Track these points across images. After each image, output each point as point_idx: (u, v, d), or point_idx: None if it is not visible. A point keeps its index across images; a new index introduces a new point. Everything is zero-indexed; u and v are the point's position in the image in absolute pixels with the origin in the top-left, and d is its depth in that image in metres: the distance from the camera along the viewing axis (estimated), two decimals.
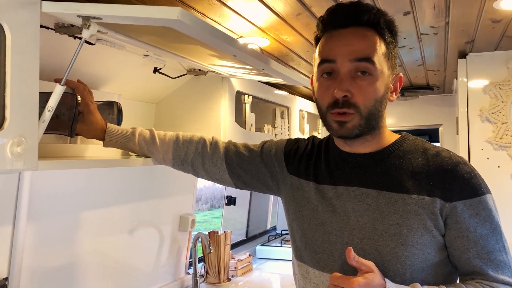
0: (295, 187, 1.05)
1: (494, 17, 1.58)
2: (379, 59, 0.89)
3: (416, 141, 0.97)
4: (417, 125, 3.56)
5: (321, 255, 0.96)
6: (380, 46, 0.90)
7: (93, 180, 1.62)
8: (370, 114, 0.89)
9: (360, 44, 0.88)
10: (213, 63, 1.46)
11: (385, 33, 0.91)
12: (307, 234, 0.98)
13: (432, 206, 0.88)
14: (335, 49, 0.90)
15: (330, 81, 0.90)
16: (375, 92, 0.89)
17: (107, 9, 0.88)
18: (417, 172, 0.91)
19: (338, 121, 0.89)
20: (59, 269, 1.51)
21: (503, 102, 2.15)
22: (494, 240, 0.89)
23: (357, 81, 0.88)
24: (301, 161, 1.06)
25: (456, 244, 0.89)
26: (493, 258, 0.88)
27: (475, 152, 2.21)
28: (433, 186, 0.89)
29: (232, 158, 1.17)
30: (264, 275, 2.60)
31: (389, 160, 0.94)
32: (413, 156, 0.93)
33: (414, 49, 1.98)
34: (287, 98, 2.51)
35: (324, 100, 0.91)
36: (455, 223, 0.88)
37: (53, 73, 1.14)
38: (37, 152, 0.91)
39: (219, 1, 1.30)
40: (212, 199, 10.13)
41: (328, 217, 0.95)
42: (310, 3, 1.34)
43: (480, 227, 0.88)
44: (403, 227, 0.88)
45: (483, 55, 2.17)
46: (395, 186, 0.90)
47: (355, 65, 0.88)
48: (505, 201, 2.16)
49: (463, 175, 0.89)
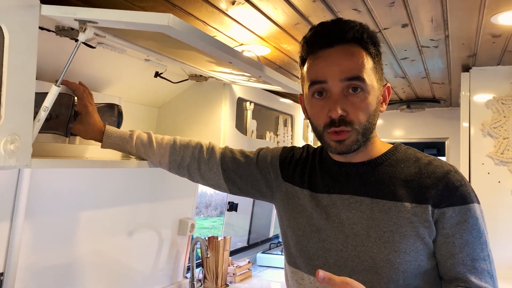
0: (290, 194, 1.06)
1: (494, 32, 1.58)
2: (368, 75, 0.91)
3: (409, 150, 0.99)
4: (423, 138, 3.55)
5: (316, 262, 0.97)
6: (368, 61, 0.92)
7: (93, 181, 1.65)
8: (365, 129, 0.92)
9: (349, 63, 0.90)
10: (212, 69, 1.49)
11: (369, 47, 0.93)
12: (302, 241, 1.00)
13: (426, 214, 0.89)
14: (324, 70, 0.91)
15: (323, 101, 0.92)
16: (368, 107, 0.91)
17: (102, 13, 0.91)
18: (410, 180, 0.93)
19: (337, 141, 0.92)
20: (55, 268, 1.54)
21: (505, 117, 2.14)
22: (480, 248, 0.89)
23: (349, 99, 0.90)
24: (296, 169, 1.08)
25: (442, 250, 0.90)
26: (477, 265, 0.88)
27: (476, 167, 2.19)
28: (425, 193, 0.91)
29: (228, 164, 1.19)
30: (263, 283, 2.60)
31: (382, 168, 0.96)
32: (405, 165, 0.95)
33: (416, 61, 1.99)
34: (291, 106, 2.53)
35: (320, 120, 0.93)
36: (442, 229, 0.90)
37: (53, 74, 1.18)
38: (30, 150, 0.94)
39: (220, 10, 1.33)
40: (221, 205, 10.14)
41: (323, 225, 0.97)
42: (308, 13, 1.37)
43: (467, 234, 0.89)
44: (396, 234, 0.89)
45: (486, 69, 2.17)
46: (389, 194, 0.92)
47: (346, 84, 0.90)
48: (505, 216, 2.14)
49: (454, 183, 0.91)
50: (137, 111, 1.74)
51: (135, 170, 1.83)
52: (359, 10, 1.35)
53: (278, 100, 2.35)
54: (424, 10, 1.36)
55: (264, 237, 3.52)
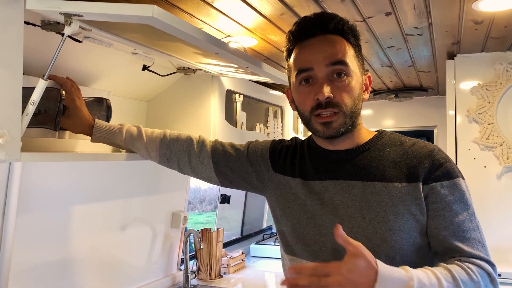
0: (282, 185, 1.09)
1: (476, 18, 1.61)
2: (351, 61, 0.97)
3: (393, 135, 1.04)
4: (412, 126, 3.59)
5: (313, 247, 1.00)
6: (349, 49, 0.98)
7: (85, 175, 1.66)
8: (352, 112, 0.97)
9: (332, 49, 0.96)
10: (200, 61, 1.50)
11: (350, 38, 0.99)
12: (298, 229, 1.03)
13: (416, 191, 0.94)
14: (310, 57, 0.96)
15: (310, 87, 0.97)
16: (353, 90, 0.96)
17: (86, 6, 0.92)
18: (397, 161, 0.98)
19: (324, 123, 0.96)
20: (48, 263, 1.54)
21: (489, 103, 2.18)
22: (468, 220, 0.94)
23: (335, 83, 0.95)
24: (286, 159, 1.11)
25: (433, 223, 0.94)
26: (468, 236, 0.93)
27: (462, 152, 2.23)
28: (413, 172, 0.96)
29: (219, 157, 1.21)
30: (257, 273, 2.63)
31: (370, 153, 1.01)
32: (391, 148, 1.00)
33: (401, 50, 2.02)
34: (281, 98, 2.55)
35: (306, 105, 0.98)
36: (432, 203, 0.94)
37: (42, 69, 1.18)
38: (19, 144, 0.95)
39: (206, 2, 1.34)
40: (216, 200, 10.16)
41: (317, 210, 1.00)
42: (293, 3, 1.38)
43: (456, 207, 0.94)
44: (390, 213, 0.93)
45: (470, 56, 2.20)
46: (378, 176, 0.97)
47: (331, 68, 0.95)
48: (491, 200, 2.18)
49: (439, 160, 0.96)
50: (126, 105, 1.74)
51: (127, 164, 1.84)
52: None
53: (268, 92, 2.36)
54: None
55: (257, 228, 3.55)
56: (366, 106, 3.67)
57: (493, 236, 2.18)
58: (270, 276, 2.62)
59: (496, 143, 2.17)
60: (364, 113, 3.70)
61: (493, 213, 2.18)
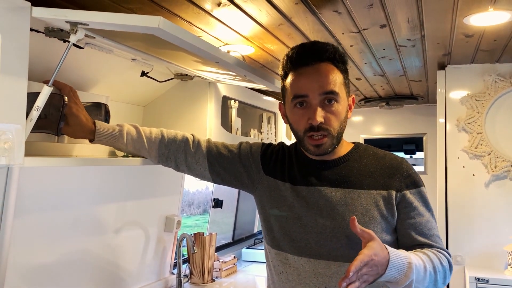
0: (272, 186, 1.21)
1: (467, 32, 1.66)
2: (340, 88, 1.11)
3: (367, 147, 1.21)
4: (402, 134, 3.65)
5: (299, 243, 1.13)
6: (339, 77, 1.12)
7: (80, 179, 1.66)
8: (338, 133, 1.12)
9: (325, 80, 1.09)
10: (198, 68, 1.53)
11: (339, 65, 1.13)
12: (286, 227, 1.16)
13: (390, 198, 1.11)
14: (306, 85, 1.10)
15: (303, 110, 1.11)
16: (340, 115, 1.11)
17: (93, 16, 0.94)
18: (373, 171, 1.14)
19: (315, 145, 1.11)
20: (43, 266, 1.54)
21: (478, 113, 2.24)
22: (431, 221, 1.14)
23: (326, 108, 1.09)
24: (276, 164, 1.24)
25: (405, 224, 1.12)
26: (433, 234, 1.13)
27: (452, 161, 2.28)
28: (387, 181, 1.13)
29: (214, 157, 1.30)
30: (248, 277, 2.65)
31: (350, 164, 1.16)
32: (367, 160, 1.17)
33: (394, 60, 2.06)
34: (274, 104, 2.58)
35: (300, 126, 1.12)
36: (404, 208, 1.12)
37: (43, 74, 1.20)
38: (23, 148, 0.96)
39: (205, 12, 1.36)
40: (204, 203, 10.15)
41: (304, 212, 1.14)
42: (291, 14, 1.42)
43: (422, 210, 1.13)
44: (366, 216, 1.09)
45: (460, 67, 2.26)
46: (358, 184, 1.13)
47: (323, 97, 1.09)
48: (479, 208, 2.24)
49: (407, 171, 1.15)
50: (123, 109, 1.76)
51: (121, 168, 1.85)
52: (340, 12, 1.41)
53: (262, 98, 2.39)
54: (401, 11, 1.42)
55: (249, 233, 3.57)
56: (358, 113, 3.72)
57: (480, 242, 2.23)
58: (261, 281, 2.64)
59: (484, 152, 2.23)
60: (355, 120, 3.75)
61: (481, 220, 2.24)
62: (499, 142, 2.22)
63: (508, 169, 2.19)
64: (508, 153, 2.20)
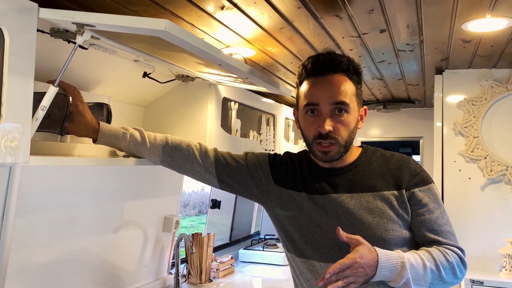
0: (285, 197, 1.23)
1: (464, 38, 1.69)
2: (351, 99, 1.15)
3: (375, 150, 1.25)
4: (399, 137, 3.68)
5: (322, 250, 1.16)
6: (351, 88, 1.16)
7: (80, 179, 1.67)
8: (346, 142, 1.16)
9: (337, 90, 1.13)
10: (200, 70, 1.54)
11: (353, 77, 1.17)
12: (307, 235, 1.18)
13: (402, 197, 1.15)
14: (318, 94, 1.14)
15: (314, 118, 1.15)
16: (349, 125, 1.15)
17: (100, 18, 0.96)
18: (383, 173, 1.18)
19: (323, 151, 1.14)
20: (42, 265, 1.55)
21: (475, 117, 2.27)
22: (441, 216, 1.17)
23: (335, 118, 1.14)
24: (287, 174, 1.26)
25: (416, 221, 1.16)
26: (443, 230, 1.16)
27: (448, 164, 2.31)
28: (397, 181, 1.16)
29: (222, 168, 1.31)
30: (245, 278, 2.66)
31: (360, 168, 1.20)
32: (376, 163, 1.20)
33: (392, 64, 2.09)
34: (273, 106, 2.60)
35: (310, 132, 1.16)
36: (414, 205, 1.16)
37: (47, 74, 1.21)
38: (29, 147, 0.98)
39: (208, 14, 1.38)
40: (200, 204, 10.14)
41: (323, 220, 1.17)
42: (292, 18, 1.44)
43: (433, 207, 1.16)
44: (384, 217, 1.13)
45: (458, 72, 2.29)
46: (370, 188, 1.16)
47: (334, 106, 1.13)
48: (475, 211, 2.27)
49: (416, 169, 1.19)
50: (123, 110, 1.77)
51: (120, 168, 1.86)
52: (341, 17, 1.43)
53: (261, 100, 2.41)
54: (400, 17, 1.44)
55: (246, 233, 3.58)
56: None
57: (476, 245, 2.26)
58: (257, 281, 2.66)
59: (480, 156, 2.26)
60: None
61: (476, 223, 2.27)
62: (495, 146, 2.25)
63: (504, 173, 2.22)
64: (503, 157, 2.23)
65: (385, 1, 1.31)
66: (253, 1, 1.28)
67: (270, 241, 3.29)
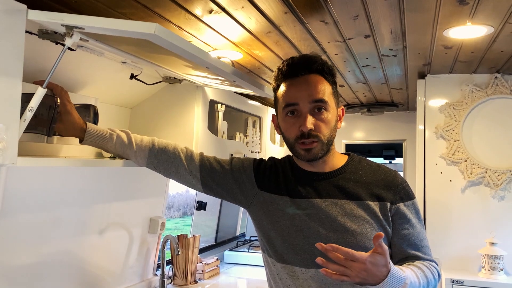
0: (268, 201, 1.22)
1: (446, 44, 1.74)
2: (329, 98, 1.17)
3: (361, 159, 1.25)
4: (382, 140, 3.74)
5: (303, 255, 1.14)
6: (328, 87, 1.17)
7: (65, 180, 1.66)
8: (328, 140, 1.17)
9: (315, 89, 1.15)
10: (187, 72, 1.55)
11: (328, 77, 1.19)
12: (288, 240, 1.17)
13: (385, 209, 1.15)
14: (296, 95, 1.15)
15: (295, 118, 1.16)
16: (330, 123, 1.16)
17: (90, 20, 0.97)
18: (368, 183, 1.18)
19: (306, 149, 1.15)
20: (25, 267, 1.53)
21: (456, 121, 2.33)
22: (422, 232, 1.19)
23: (316, 116, 1.15)
24: (270, 179, 1.25)
25: (398, 235, 1.17)
26: (423, 244, 1.18)
27: (430, 167, 2.37)
28: (382, 193, 1.17)
29: (207, 172, 1.30)
30: (231, 279, 2.67)
31: (346, 176, 1.20)
32: (362, 172, 1.21)
33: (376, 69, 2.13)
34: (260, 108, 2.62)
35: (292, 133, 1.16)
36: (398, 219, 1.17)
37: (34, 75, 1.21)
38: (17, 148, 0.98)
39: (196, 18, 1.39)
40: (184, 206, 10.09)
41: (305, 224, 1.15)
42: (279, 23, 1.46)
43: (414, 222, 1.18)
44: (367, 226, 1.13)
45: (440, 77, 2.35)
46: (356, 196, 1.16)
47: (313, 105, 1.14)
48: (456, 212, 2.32)
49: (401, 184, 1.20)
50: (110, 111, 1.77)
51: (106, 169, 1.85)
52: (327, 22, 1.46)
53: (248, 103, 2.43)
54: (384, 23, 1.48)
55: (231, 235, 3.59)
56: None
57: (456, 246, 2.31)
58: (243, 283, 2.67)
59: (461, 159, 2.32)
60: None
61: (456, 225, 2.32)
62: (475, 149, 2.31)
63: (483, 176, 2.28)
64: (483, 160, 2.29)
65: (370, 8, 1.34)
66: (241, 6, 1.30)
67: (256, 243, 3.30)
